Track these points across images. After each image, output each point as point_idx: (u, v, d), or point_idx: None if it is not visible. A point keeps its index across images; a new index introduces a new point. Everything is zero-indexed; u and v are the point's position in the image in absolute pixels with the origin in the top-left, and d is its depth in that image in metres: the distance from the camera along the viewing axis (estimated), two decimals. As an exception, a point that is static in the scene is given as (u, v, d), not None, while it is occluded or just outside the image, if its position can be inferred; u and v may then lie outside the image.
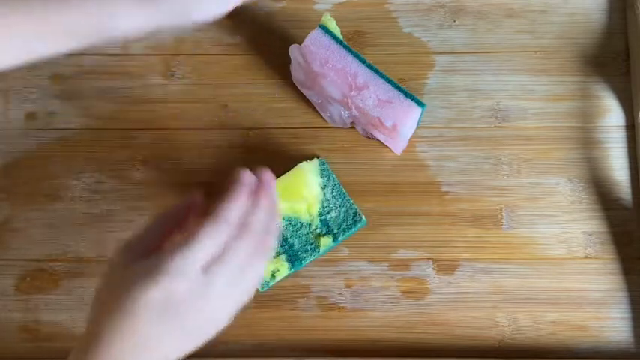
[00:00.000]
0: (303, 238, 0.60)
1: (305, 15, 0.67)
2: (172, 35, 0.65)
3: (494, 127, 0.64)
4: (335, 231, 0.60)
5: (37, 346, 0.60)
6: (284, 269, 0.59)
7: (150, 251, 0.45)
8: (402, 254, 0.61)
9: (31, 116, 0.65)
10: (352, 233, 0.60)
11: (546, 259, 0.61)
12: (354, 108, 0.59)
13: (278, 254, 0.59)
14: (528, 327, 0.59)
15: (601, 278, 0.60)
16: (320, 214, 0.60)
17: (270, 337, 0.59)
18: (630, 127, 0.63)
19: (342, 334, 0.59)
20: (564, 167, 0.63)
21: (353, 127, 0.64)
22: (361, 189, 0.62)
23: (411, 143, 0.63)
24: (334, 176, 0.61)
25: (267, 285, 0.59)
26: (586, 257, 0.61)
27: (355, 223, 0.60)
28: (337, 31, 0.60)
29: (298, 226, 0.60)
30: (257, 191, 0.48)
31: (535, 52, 0.66)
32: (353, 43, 0.66)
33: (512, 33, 0.66)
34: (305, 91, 0.64)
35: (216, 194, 0.47)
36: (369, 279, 0.61)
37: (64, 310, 0.61)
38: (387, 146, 0.63)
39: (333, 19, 0.60)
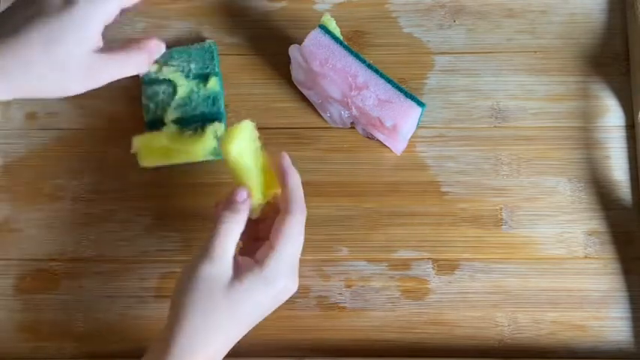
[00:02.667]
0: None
1: (305, 15, 0.67)
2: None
3: (494, 127, 0.64)
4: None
5: (37, 346, 0.60)
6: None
7: (238, 261, 0.49)
8: (402, 254, 0.61)
9: (31, 116, 0.65)
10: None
11: (546, 259, 0.61)
12: (354, 108, 0.59)
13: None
14: (528, 327, 0.59)
15: (601, 278, 0.60)
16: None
17: (270, 337, 0.59)
18: (630, 127, 0.63)
19: (342, 334, 0.59)
20: (564, 167, 0.63)
21: (353, 127, 0.64)
22: (361, 189, 0.62)
23: (411, 143, 0.63)
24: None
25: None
26: (586, 257, 0.61)
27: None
28: (337, 31, 0.60)
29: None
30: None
31: (535, 52, 0.66)
32: (353, 43, 0.66)
33: (512, 33, 0.66)
34: (305, 91, 0.64)
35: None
36: (369, 279, 0.61)
37: (64, 310, 0.61)
38: (387, 146, 0.63)
39: (333, 19, 0.60)
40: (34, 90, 0.47)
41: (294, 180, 0.51)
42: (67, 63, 0.46)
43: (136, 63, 0.50)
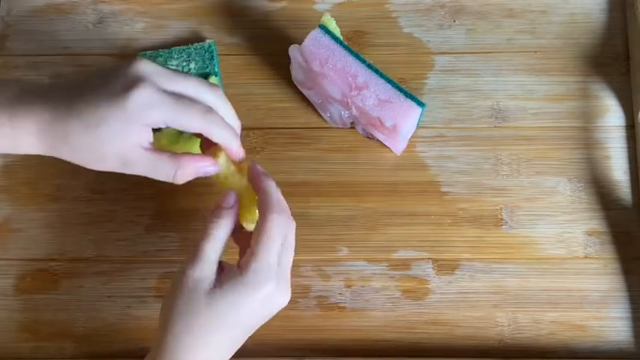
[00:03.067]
0: None
1: (305, 15, 0.67)
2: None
3: (494, 127, 0.64)
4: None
5: (37, 346, 0.60)
6: None
7: (223, 267, 0.48)
8: (402, 254, 0.61)
9: (31, 116, 0.65)
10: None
11: (546, 259, 0.61)
12: (354, 108, 0.59)
13: None
14: (528, 327, 0.59)
15: (601, 278, 0.60)
16: None
17: (270, 337, 0.59)
18: (630, 127, 0.63)
19: (342, 334, 0.59)
20: (564, 167, 0.63)
21: (353, 127, 0.64)
22: (361, 189, 0.62)
23: (411, 143, 0.63)
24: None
25: None
26: (586, 257, 0.61)
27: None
28: (337, 31, 0.60)
29: None
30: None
31: (535, 52, 0.66)
32: (353, 43, 0.66)
33: (512, 33, 0.66)
34: (305, 91, 0.64)
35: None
36: (369, 279, 0.61)
37: (64, 310, 0.61)
38: (387, 146, 0.63)
39: (333, 19, 0.60)
40: (73, 158, 0.49)
41: (267, 183, 0.49)
42: (104, 150, 0.47)
43: (165, 171, 0.50)
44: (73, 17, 0.68)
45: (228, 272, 0.47)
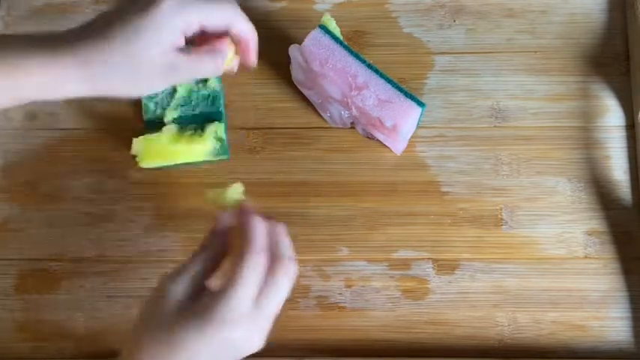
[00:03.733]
0: None
1: (305, 15, 0.67)
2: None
3: (494, 127, 0.64)
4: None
5: (37, 346, 0.60)
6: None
7: (198, 291, 0.45)
8: (402, 254, 0.61)
9: (31, 116, 0.65)
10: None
11: (546, 259, 0.61)
12: (354, 108, 0.59)
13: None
14: (528, 327, 0.59)
15: (601, 278, 0.60)
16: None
17: (270, 337, 0.59)
18: (630, 127, 0.63)
19: (342, 334, 0.59)
20: (564, 167, 0.63)
21: (353, 127, 0.64)
22: (361, 189, 0.62)
23: (411, 143, 0.63)
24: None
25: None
26: (586, 257, 0.61)
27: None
28: (337, 31, 0.60)
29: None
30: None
31: (535, 52, 0.66)
32: (353, 43, 0.66)
33: (512, 33, 0.66)
34: (305, 91, 0.64)
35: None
36: (369, 279, 0.61)
37: (64, 310, 0.61)
38: (387, 146, 0.63)
39: (333, 19, 0.60)
40: (115, 88, 0.49)
41: (254, 222, 0.46)
42: (145, 62, 0.48)
43: (209, 66, 0.51)
44: (73, 17, 0.68)
45: (200, 299, 0.44)
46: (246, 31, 0.53)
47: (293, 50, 0.60)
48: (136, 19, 0.47)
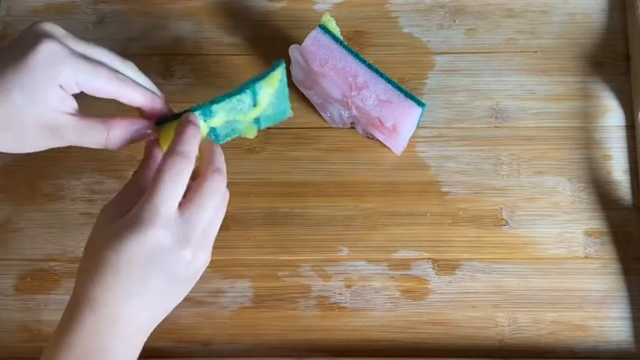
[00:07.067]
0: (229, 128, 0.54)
1: (305, 15, 0.67)
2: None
3: (494, 127, 0.64)
4: (261, 121, 0.55)
5: (37, 346, 0.60)
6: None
7: (129, 209, 0.44)
8: (402, 254, 0.61)
9: (31, 116, 0.65)
10: (275, 123, 0.56)
11: (546, 259, 0.61)
12: (354, 108, 0.59)
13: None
14: (528, 327, 0.59)
15: (601, 278, 0.60)
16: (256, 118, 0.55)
17: (271, 337, 0.59)
18: (630, 127, 0.63)
19: (342, 334, 0.59)
20: (564, 167, 0.63)
21: (353, 127, 0.64)
22: (361, 189, 0.62)
23: (411, 143, 0.63)
24: (285, 79, 0.54)
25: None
26: (586, 257, 0.61)
27: (281, 114, 0.56)
28: (337, 31, 0.60)
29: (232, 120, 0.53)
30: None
31: (535, 52, 0.66)
32: (353, 43, 0.66)
33: (512, 33, 0.66)
34: (305, 91, 0.64)
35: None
36: (369, 279, 0.61)
37: (64, 310, 0.61)
38: (387, 146, 0.63)
39: (333, 19, 0.60)
40: (3, 144, 0.46)
41: (216, 147, 0.47)
42: (26, 121, 0.44)
43: (98, 135, 0.46)
44: (73, 17, 0.68)
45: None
46: (142, 99, 0.47)
47: (293, 50, 0.60)
48: (10, 72, 0.43)
